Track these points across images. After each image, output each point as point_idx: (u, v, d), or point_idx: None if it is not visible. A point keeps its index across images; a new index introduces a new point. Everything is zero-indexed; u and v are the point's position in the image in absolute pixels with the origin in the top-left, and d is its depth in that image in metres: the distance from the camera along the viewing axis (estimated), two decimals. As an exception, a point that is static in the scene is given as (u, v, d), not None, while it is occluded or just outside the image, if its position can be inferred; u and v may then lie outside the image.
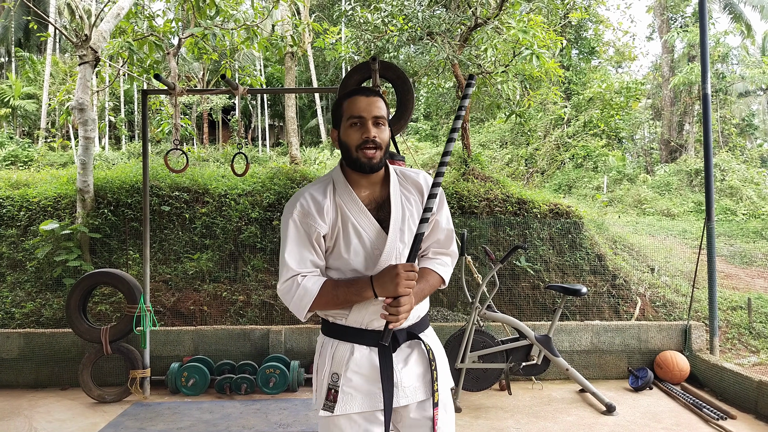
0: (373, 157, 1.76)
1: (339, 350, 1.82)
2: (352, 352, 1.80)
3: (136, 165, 8.75)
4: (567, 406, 4.62)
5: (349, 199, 1.80)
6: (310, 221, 1.78)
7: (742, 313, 6.56)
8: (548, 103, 15.67)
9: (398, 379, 1.81)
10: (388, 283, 1.67)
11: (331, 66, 25.44)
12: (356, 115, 1.76)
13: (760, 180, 16.08)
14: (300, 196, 1.81)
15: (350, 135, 1.78)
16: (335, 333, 1.85)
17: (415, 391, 1.84)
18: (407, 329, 1.86)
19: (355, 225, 1.79)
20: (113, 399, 4.82)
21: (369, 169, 1.78)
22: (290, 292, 1.77)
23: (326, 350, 1.85)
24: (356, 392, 1.78)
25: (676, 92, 21.67)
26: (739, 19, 23.73)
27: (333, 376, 1.80)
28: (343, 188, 1.82)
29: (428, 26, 7.76)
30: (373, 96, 1.79)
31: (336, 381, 1.79)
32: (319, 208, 1.78)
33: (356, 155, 1.77)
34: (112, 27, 6.71)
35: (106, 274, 5.06)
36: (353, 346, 1.81)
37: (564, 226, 6.88)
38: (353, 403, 1.78)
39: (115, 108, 23.45)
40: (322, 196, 1.81)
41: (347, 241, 1.79)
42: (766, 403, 4.21)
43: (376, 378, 1.78)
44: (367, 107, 1.76)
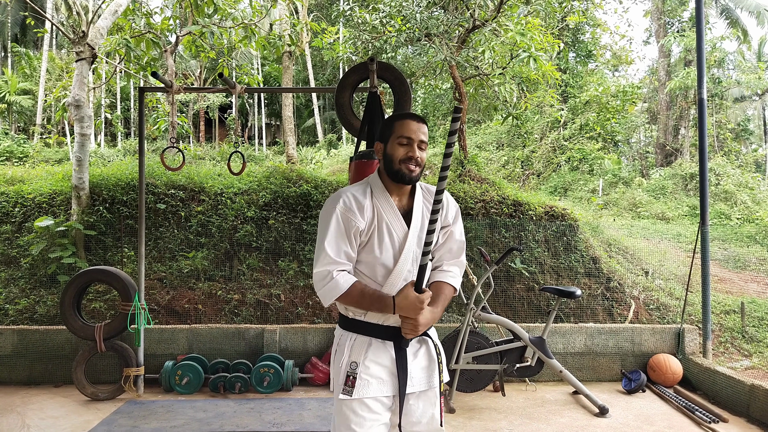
0: (413, 172, 2.05)
1: (358, 342, 2.08)
2: (370, 344, 2.07)
3: (131, 162, 8.73)
4: (560, 408, 4.64)
5: (385, 203, 2.09)
6: (350, 216, 2.02)
7: (736, 317, 6.59)
8: (545, 105, 15.70)
9: (409, 370, 2.07)
10: (408, 308, 1.97)
11: (329, 66, 25.43)
12: (406, 135, 2.05)
13: (755, 185, 16.15)
14: (343, 194, 2.07)
15: (397, 150, 2.06)
16: (354, 327, 2.10)
17: (420, 381, 2.11)
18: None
19: (388, 225, 2.06)
20: (107, 397, 4.81)
21: (408, 180, 2.07)
22: (323, 281, 2.01)
23: (345, 342, 2.10)
24: (372, 379, 2.04)
25: (672, 96, 21.74)
26: (736, 24, 23.83)
27: (352, 364, 2.04)
28: (380, 193, 2.10)
29: (426, 27, 7.76)
30: (422, 123, 2.09)
31: (354, 369, 2.04)
32: (359, 206, 2.04)
33: (398, 167, 2.05)
34: (109, 24, 6.68)
35: (100, 272, 5.05)
36: (371, 339, 2.07)
37: (559, 228, 6.90)
38: (369, 389, 2.03)
39: (112, 105, 23.39)
40: (362, 196, 2.08)
41: (381, 239, 2.06)
42: (758, 407, 4.24)
43: (390, 367, 2.06)
44: (416, 131, 2.06)
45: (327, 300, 2.02)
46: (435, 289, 2.12)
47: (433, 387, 2.13)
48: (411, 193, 2.15)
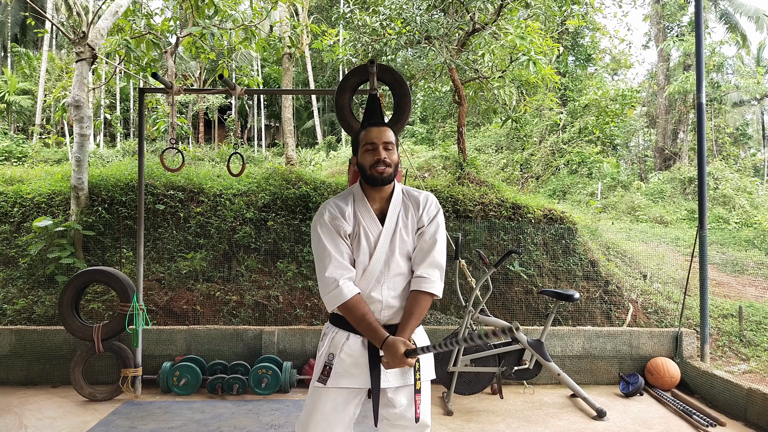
0: (384, 172, 2.18)
1: (338, 336, 2.24)
2: (348, 338, 2.21)
3: (131, 163, 8.73)
4: (558, 411, 4.64)
5: (363, 208, 2.23)
6: (337, 222, 2.19)
7: (733, 321, 6.60)
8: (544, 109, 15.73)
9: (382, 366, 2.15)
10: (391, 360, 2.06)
11: (329, 68, 25.46)
12: (370, 142, 2.20)
13: (753, 189, 16.18)
14: (327, 205, 2.24)
15: (365, 158, 2.21)
16: (338, 323, 2.26)
17: (395, 377, 2.20)
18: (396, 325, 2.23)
19: (365, 229, 2.20)
20: (104, 397, 4.80)
21: (381, 182, 2.19)
22: (328, 288, 2.14)
23: (328, 335, 2.27)
24: (345, 371, 2.19)
25: (671, 100, 21.78)
26: (735, 29, 23.88)
27: (329, 355, 2.21)
28: (360, 199, 2.26)
29: (426, 30, 7.78)
30: (383, 127, 2.23)
31: (331, 360, 2.20)
32: (342, 212, 2.21)
33: (370, 172, 2.19)
34: (109, 24, 6.69)
35: (99, 272, 5.04)
36: (349, 334, 2.22)
37: (558, 231, 6.91)
38: (342, 379, 2.18)
39: (111, 106, 23.38)
40: (344, 204, 2.24)
41: (358, 242, 2.20)
42: (756, 411, 4.24)
43: (364, 361, 2.19)
44: (378, 135, 2.20)
45: (330, 306, 2.16)
46: (411, 302, 2.20)
47: (408, 383, 2.21)
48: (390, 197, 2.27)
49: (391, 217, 2.23)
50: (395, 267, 2.21)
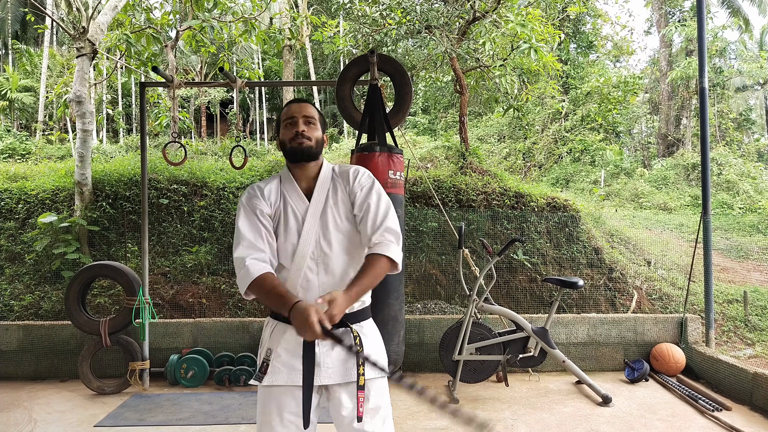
0: (303, 143, 2.05)
1: (276, 329, 2.05)
2: (285, 331, 2.01)
3: (134, 158, 8.75)
4: (563, 398, 4.66)
5: (291, 188, 2.10)
6: (255, 201, 2.05)
7: (738, 306, 6.60)
8: (546, 97, 15.65)
9: (320, 360, 1.98)
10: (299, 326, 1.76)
11: (329, 59, 25.37)
12: (289, 116, 2.10)
13: (757, 174, 16.11)
14: (249, 187, 2.13)
15: (285, 133, 2.10)
16: (275, 315, 2.07)
17: (336, 372, 1.99)
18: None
19: (293, 208, 2.06)
20: (112, 391, 4.84)
21: (302, 155, 2.06)
22: (238, 267, 1.96)
23: (268, 328, 2.09)
24: (282, 366, 1.99)
25: (673, 87, 21.67)
26: (737, 13, 23.71)
27: (267, 350, 2.03)
28: (286, 178, 2.13)
29: (426, 19, 7.75)
30: (303, 103, 2.14)
31: (269, 355, 2.02)
32: (261, 193, 2.07)
33: (290, 146, 2.07)
34: (109, 19, 6.68)
35: (104, 267, 5.07)
36: (287, 326, 1.99)
37: (561, 219, 6.90)
38: (279, 376, 1.98)
39: (113, 101, 23.38)
40: (266, 185, 2.11)
41: (286, 221, 2.05)
42: (761, 395, 4.25)
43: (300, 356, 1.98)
44: (297, 109, 2.10)
45: (242, 287, 1.94)
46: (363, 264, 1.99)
47: (350, 381, 1.99)
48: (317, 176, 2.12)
49: (318, 193, 2.07)
50: (327, 247, 2.02)
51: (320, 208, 2.06)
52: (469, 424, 1.71)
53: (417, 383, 1.78)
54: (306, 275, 2.01)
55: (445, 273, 6.44)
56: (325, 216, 2.05)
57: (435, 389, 4.86)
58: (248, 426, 4.05)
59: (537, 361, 4.73)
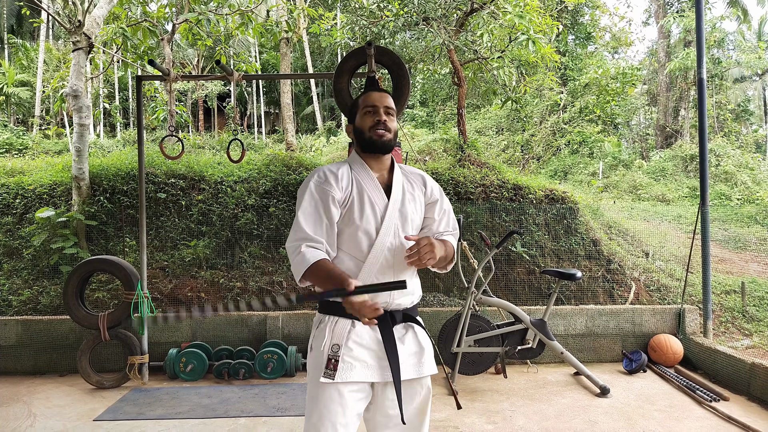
0: (384, 136, 2.01)
1: (339, 324, 1.94)
2: (353, 326, 1.93)
3: (131, 152, 8.73)
4: (562, 389, 4.68)
5: (365, 175, 2.03)
6: (325, 187, 1.96)
7: (736, 297, 6.61)
8: (544, 88, 15.62)
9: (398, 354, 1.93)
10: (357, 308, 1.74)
11: (327, 52, 25.29)
12: (370, 104, 2.04)
13: (755, 165, 16.13)
14: (318, 170, 2.03)
15: (364, 121, 2.04)
16: (335, 310, 1.95)
17: (408, 368, 1.97)
18: (403, 311, 2.02)
19: (370, 196, 1.99)
20: (112, 385, 4.85)
21: (381, 146, 2.02)
22: (292, 254, 1.91)
23: (326, 325, 1.96)
24: (355, 361, 1.90)
25: (672, 78, 21.63)
26: (736, 4, 23.63)
27: (333, 347, 1.91)
28: (359, 166, 2.06)
29: (424, 11, 7.71)
30: (384, 92, 2.08)
31: (336, 351, 1.90)
32: (334, 177, 1.99)
33: (369, 135, 2.02)
34: (105, 13, 6.64)
35: (103, 261, 5.07)
36: (354, 320, 1.93)
37: (559, 211, 6.90)
38: (352, 372, 1.89)
39: (110, 95, 23.31)
40: (337, 169, 2.03)
41: (362, 209, 1.97)
42: (759, 385, 4.27)
43: (377, 352, 1.93)
44: (380, 99, 2.05)
45: (297, 275, 1.89)
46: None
47: (422, 376, 2.00)
48: (391, 170, 2.10)
49: (396, 185, 2.04)
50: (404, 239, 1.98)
51: (399, 202, 2.03)
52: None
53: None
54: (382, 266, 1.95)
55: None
56: (405, 209, 2.03)
57: (434, 381, 4.88)
58: (248, 419, 4.06)
59: (535, 352, 4.74)
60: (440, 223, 2.14)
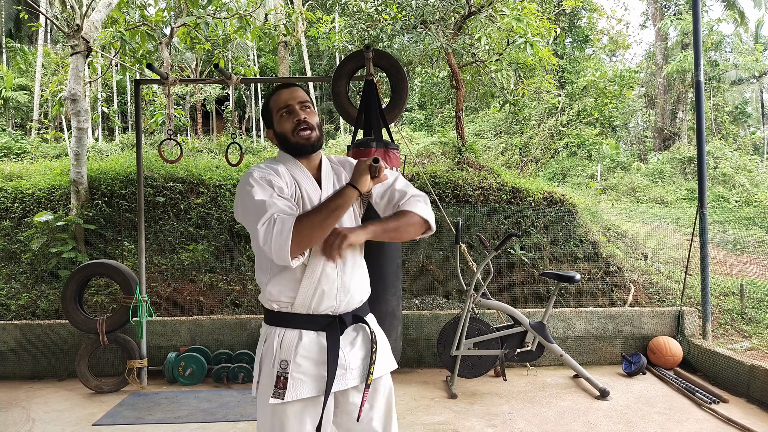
0: (310, 137, 1.88)
1: (287, 337, 1.84)
2: (300, 338, 1.83)
3: (129, 156, 8.72)
4: (561, 392, 4.67)
5: (299, 172, 1.91)
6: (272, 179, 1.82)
7: (735, 298, 6.62)
8: (542, 91, 15.65)
9: (346, 361, 1.86)
10: (360, 175, 1.76)
11: (325, 55, 25.30)
12: (283, 105, 1.90)
13: (753, 167, 16.16)
14: (254, 167, 1.88)
15: (283, 124, 1.90)
16: (281, 321, 1.87)
17: (359, 373, 1.89)
18: (353, 312, 1.93)
19: (307, 193, 1.88)
20: (110, 389, 4.84)
21: (310, 148, 1.90)
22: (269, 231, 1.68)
23: (272, 339, 1.86)
24: (305, 377, 1.81)
25: (669, 80, 21.67)
26: (733, 6, 23.72)
27: (282, 363, 1.81)
28: (293, 164, 1.93)
29: (422, 15, 7.73)
30: (293, 87, 1.93)
31: (285, 368, 1.80)
32: (276, 171, 1.86)
33: (294, 139, 1.89)
34: (103, 17, 6.65)
35: (101, 265, 5.06)
36: (301, 332, 1.84)
37: (558, 214, 6.91)
38: (303, 388, 1.80)
39: (108, 99, 23.31)
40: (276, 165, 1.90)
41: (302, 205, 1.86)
42: (758, 387, 4.27)
43: (325, 361, 1.82)
44: (291, 95, 1.91)
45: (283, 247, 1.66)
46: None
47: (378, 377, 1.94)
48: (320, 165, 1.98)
49: (326, 181, 1.92)
50: None
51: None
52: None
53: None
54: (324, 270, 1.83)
55: (443, 268, 6.44)
56: None
57: (433, 385, 4.87)
58: (247, 423, 4.05)
59: (535, 355, 4.74)
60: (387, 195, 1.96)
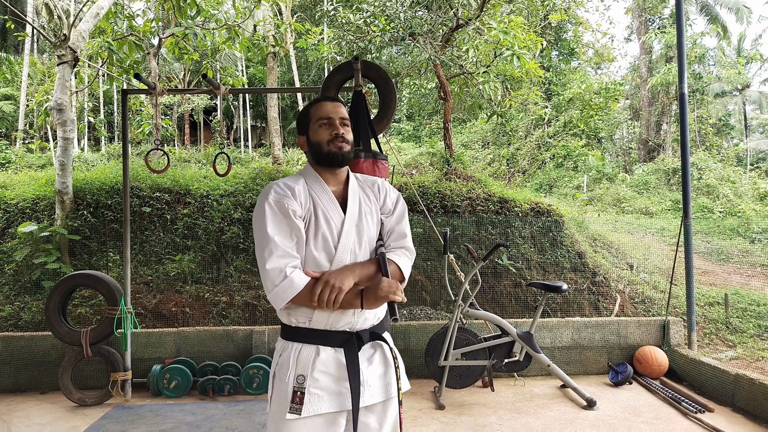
0: (343, 148, 1.90)
1: (303, 352, 1.83)
2: (317, 353, 1.82)
3: (116, 166, 8.67)
4: (548, 402, 4.68)
5: (320, 189, 1.92)
6: (286, 201, 1.82)
7: (719, 308, 6.68)
8: (529, 103, 15.81)
9: (364, 378, 1.85)
10: (376, 300, 1.78)
11: (314, 67, 25.37)
12: (324, 116, 1.93)
13: (736, 178, 16.39)
14: (273, 185, 1.89)
15: (320, 134, 1.92)
16: (298, 336, 1.86)
17: (377, 390, 1.89)
18: (370, 330, 1.92)
19: (325, 212, 1.87)
20: (94, 402, 4.77)
21: (341, 159, 1.91)
22: (276, 279, 1.75)
23: (289, 354, 1.85)
24: (323, 392, 1.80)
25: (654, 93, 21.98)
26: (716, 20, 24.16)
27: (299, 378, 1.80)
28: (314, 180, 1.94)
29: (410, 27, 7.79)
30: (336, 101, 1.98)
31: (302, 383, 1.79)
32: (292, 191, 1.86)
33: (328, 149, 1.91)
34: (91, 27, 6.63)
35: (86, 276, 5.00)
36: (318, 347, 1.83)
37: (545, 224, 6.95)
38: (320, 404, 1.79)
39: (95, 109, 23.17)
40: (293, 183, 1.90)
41: (317, 227, 1.86)
42: (743, 396, 4.30)
43: (343, 378, 1.82)
44: (334, 109, 1.94)
45: (281, 302, 1.76)
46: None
47: (391, 397, 1.92)
48: (346, 182, 1.99)
49: (352, 200, 1.93)
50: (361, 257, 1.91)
51: (356, 216, 1.92)
52: None
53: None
54: None
55: (431, 279, 6.45)
56: (361, 225, 1.92)
57: (421, 395, 4.86)
58: (233, 435, 4.01)
59: (522, 365, 4.75)
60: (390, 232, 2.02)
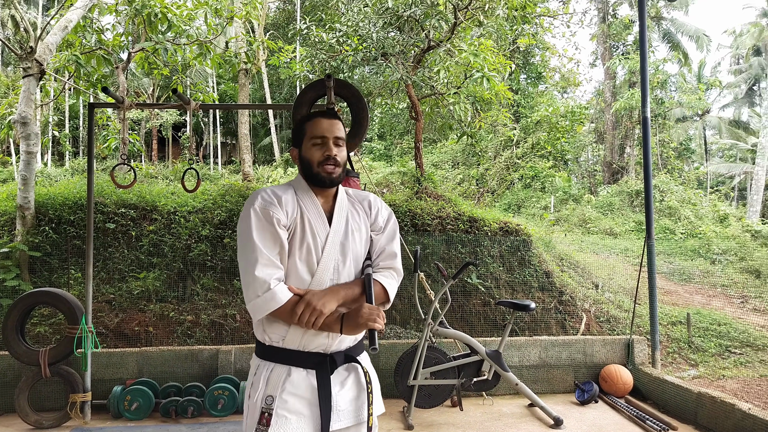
0: (333, 173, 1.88)
1: (275, 372, 1.81)
2: (289, 374, 1.80)
3: (80, 181, 8.48)
4: (516, 421, 4.69)
5: (309, 201, 1.89)
6: (272, 209, 1.80)
7: (682, 328, 6.83)
8: (498, 125, 16.08)
9: (335, 402, 1.83)
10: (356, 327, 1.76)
11: (286, 84, 25.39)
12: (319, 135, 1.88)
13: (697, 201, 16.89)
14: (260, 191, 1.87)
15: (312, 153, 1.89)
16: (272, 356, 1.84)
17: (348, 414, 1.87)
18: (345, 351, 1.91)
19: (312, 225, 1.85)
20: (51, 425, 4.59)
21: (329, 183, 1.89)
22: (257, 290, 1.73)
23: (261, 373, 1.83)
24: (291, 414, 1.77)
25: (617, 117, 22.61)
26: (677, 48, 25.09)
27: (267, 398, 1.78)
28: (304, 191, 1.91)
29: (382, 47, 7.88)
30: (334, 119, 1.92)
31: (270, 404, 1.77)
32: (279, 200, 1.83)
33: (317, 170, 1.87)
34: (59, 40, 6.52)
35: (45, 294, 4.85)
36: (290, 368, 1.81)
37: (513, 243, 7.03)
38: (287, 426, 1.75)
39: (60, 123, 22.70)
40: (282, 192, 1.88)
41: (302, 239, 1.83)
42: (705, 414, 4.39)
43: (313, 400, 1.79)
44: (329, 128, 1.89)
45: (261, 313, 1.74)
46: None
47: (361, 421, 1.89)
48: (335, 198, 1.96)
49: (338, 215, 1.91)
50: (344, 273, 1.87)
51: (341, 232, 1.89)
52: None
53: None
54: None
55: (400, 297, 6.45)
56: (347, 242, 1.89)
57: (389, 416, 4.82)
58: (196, 458, 3.90)
59: (491, 384, 4.76)
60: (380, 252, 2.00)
